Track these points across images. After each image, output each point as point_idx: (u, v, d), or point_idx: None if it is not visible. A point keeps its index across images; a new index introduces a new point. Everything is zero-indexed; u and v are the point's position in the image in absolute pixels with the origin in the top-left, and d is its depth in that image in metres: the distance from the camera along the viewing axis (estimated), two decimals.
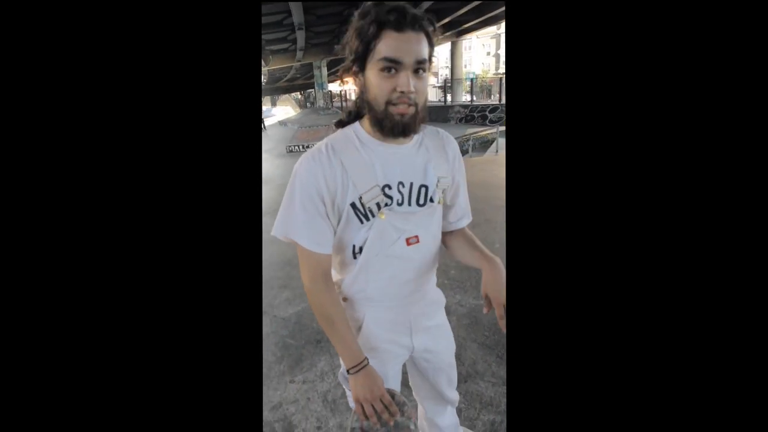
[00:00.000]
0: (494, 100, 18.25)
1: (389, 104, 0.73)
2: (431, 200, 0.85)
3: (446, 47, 24.35)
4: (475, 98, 20.61)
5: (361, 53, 0.73)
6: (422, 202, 0.84)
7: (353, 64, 0.75)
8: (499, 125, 11.23)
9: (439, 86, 25.52)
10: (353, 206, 0.79)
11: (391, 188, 0.81)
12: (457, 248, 0.96)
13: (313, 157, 0.78)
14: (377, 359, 0.88)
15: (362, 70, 0.74)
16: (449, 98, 20.56)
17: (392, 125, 0.75)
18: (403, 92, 0.72)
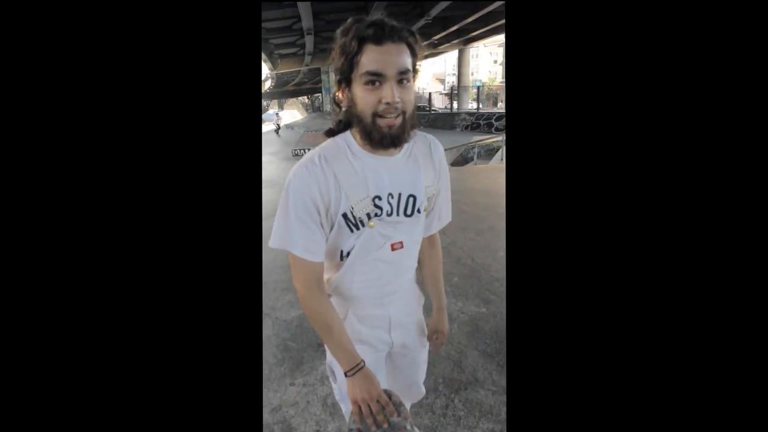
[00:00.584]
0: (500, 108, 18.28)
1: (376, 116, 0.74)
2: (418, 211, 0.87)
3: (453, 55, 24.48)
4: (481, 106, 20.66)
5: (346, 69, 0.74)
6: (410, 212, 0.86)
7: (340, 80, 0.77)
8: (504, 133, 11.25)
9: (445, 93, 25.61)
10: (345, 216, 0.81)
11: (381, 199, 0.82)
12: (424, 261, 1.04)
13: (306, 167, 0.79)
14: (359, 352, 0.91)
15: (348, 85, 0.76)
16: (455, 105, 20.61)
17: (380, 137, 0.76)
18: (388, 103, 0.73)
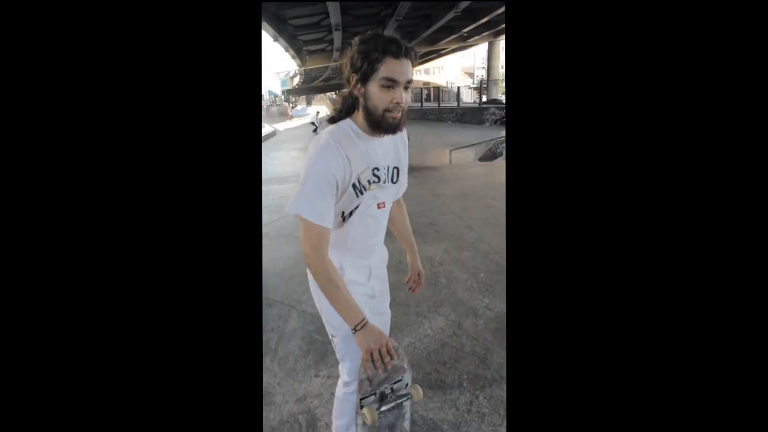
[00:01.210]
0: None
1: (386, 111, 0.97)
2: (400, 178, 1.16)
3: (483, 48, 24.02)
4: None
5: (367, 72, 0.95)
6: (395, 180, 1.14)
7: (357, 77, 0.97)
8: None
9: (474, 87, 25.18)
10: (354, 186, 1.03)
11: (378, 170, 1.08)
12: (396, 218, 1.33)
13: (325, 150, 1.00)
14: (353, 295, 1.08)
15: (365, 83, 0.97)
16: (485, 99, 20.26)
17: (387, 126, 0.99)
18: (398, 103, 0.96)
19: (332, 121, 1.07)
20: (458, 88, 23.23)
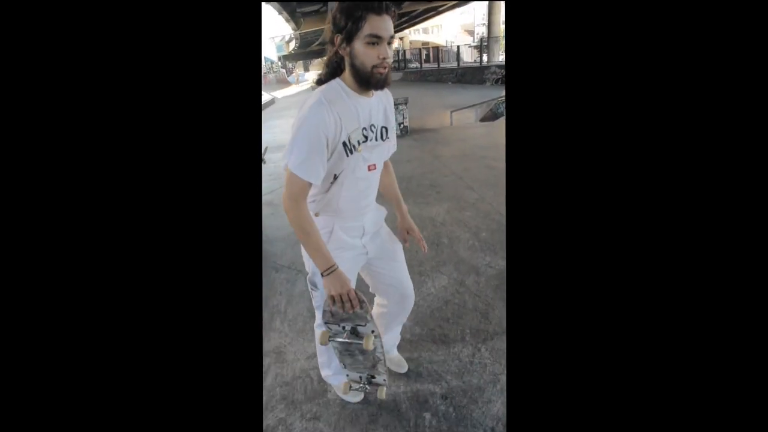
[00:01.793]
0: None
1: (374, 67, 1.01)
2: (389, 137, 1.20)
3: (483, 3, 23.08)
4: None
5: (351, 30, 0.98)
6: (384, 138, 1.18)
7: (342, 37, 1.01)
8: None
9: (474, 46, 24.35)
10: (344, 144, 1.07)
11: (366, 129, 1.11)
12: (383, 179, 1.34)
13: (317, 107, 1.03)
14: (341, 258, 1.16)
15: (350, 42, 1.00)
16: (485, 59, 19.67)
17: (375, 81, 1.04)
18: (384, 58, 1.01)
19: (320, 83, 1.11)
20: (458, 47, 22.49)
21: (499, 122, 8.18)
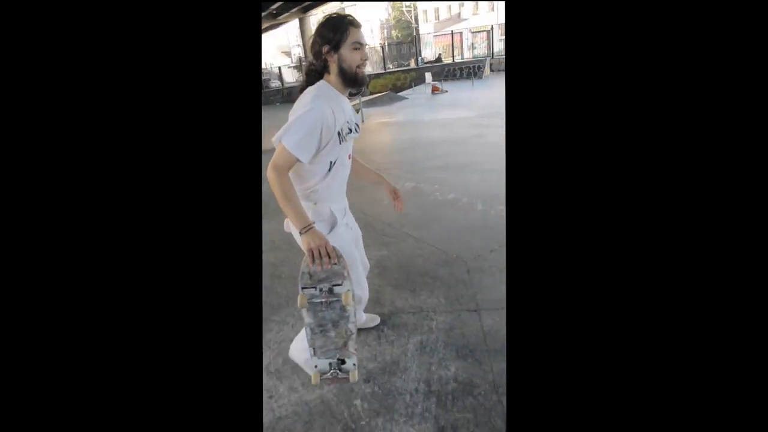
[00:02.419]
0: None
1: (357, 68, 1.29)
2: (358, 131, 1.43)
3: (294, 24, 23.66)
4: None
5: (337, 39, 1.25)
6: (357, 131, 1.41)
7: (330, 46, 1.26)
8: (360, 98, 11.52)
9: (294, 66, 24.82)
10: (338, 133, 1.30)
11: (349, 122, 1.36)
12: (359, 168, 1.63)
13: (319, 100, 1.25)
14: (340, 235, 1.40)
15: (337, 50, 1.27)
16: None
17: (360, 79, 1.31)
18: (364, 60, 1.29)
19: (302, 90, 1.33)
20: (279, 68, 22.66)
21: None
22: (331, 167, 1.35)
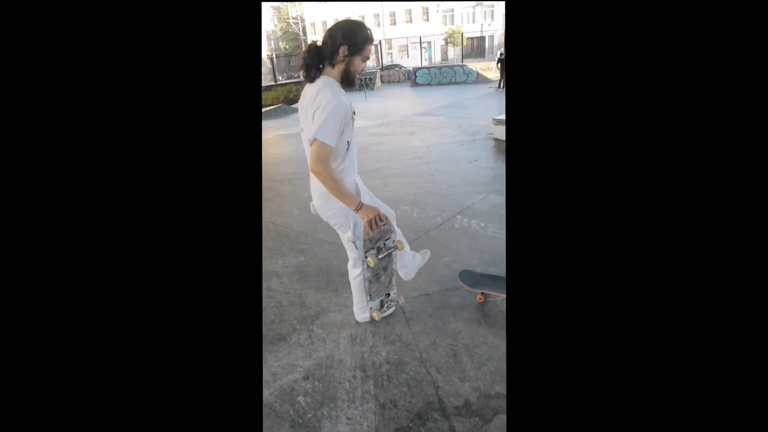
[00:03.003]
0: None
1: (358, 73, 1.58)
2: (354, 118, 1.67)
3: None
4: None
5: (356, 48, 1.50)
6: (354, 118, 1.65)
7: (348, 50, 1.50)
8: None
9: None
10: (352, 118, 1.57)
11: (352, 107, 1.59)
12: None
13: (337, 95, 1.47)
14: (364, 199, 1.66)
15: (352, 56, 1.52)
16: None
17: (353, 83, 1.59)
18: (364, 69, 1.62)
19: (311, 80, 1.57)
20: None
21: None
22: (348, 146, 1.62)
